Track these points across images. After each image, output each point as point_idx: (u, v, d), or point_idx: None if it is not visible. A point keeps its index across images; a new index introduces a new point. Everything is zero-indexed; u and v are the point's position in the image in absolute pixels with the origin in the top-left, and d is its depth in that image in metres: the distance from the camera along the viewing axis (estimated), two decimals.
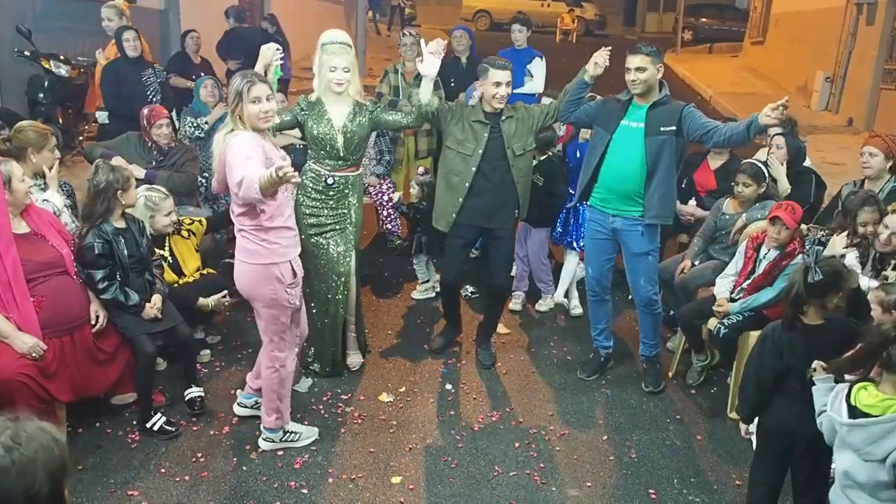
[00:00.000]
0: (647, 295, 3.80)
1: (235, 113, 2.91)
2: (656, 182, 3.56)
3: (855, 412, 2.04)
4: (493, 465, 3.26)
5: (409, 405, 3.73)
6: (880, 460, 1.96)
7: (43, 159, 3.59)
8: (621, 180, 3.62)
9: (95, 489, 3.00)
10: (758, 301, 3.61)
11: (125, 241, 3.38)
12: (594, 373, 4.04)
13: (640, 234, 3.67)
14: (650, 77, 3.51)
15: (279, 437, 3.29)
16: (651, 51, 3.53)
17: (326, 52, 3.55)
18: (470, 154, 3.80)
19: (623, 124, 3.61)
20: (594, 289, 3.94)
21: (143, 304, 3.37)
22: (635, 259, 3.74)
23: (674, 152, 3.57)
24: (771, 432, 2.65)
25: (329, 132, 3.58)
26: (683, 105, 3.60)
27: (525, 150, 3.88)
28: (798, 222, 3.60)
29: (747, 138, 3.39)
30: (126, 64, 5.63)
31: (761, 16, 15.88)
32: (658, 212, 3.61)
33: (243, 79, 2.91)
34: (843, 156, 7.95)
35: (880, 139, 4.03)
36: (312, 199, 3.67)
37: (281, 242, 3.01)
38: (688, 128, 3.53)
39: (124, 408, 3.51)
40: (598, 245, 3.83)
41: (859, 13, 10.75)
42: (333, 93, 3.58)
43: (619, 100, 3.67)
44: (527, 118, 3.88)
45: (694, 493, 3.14)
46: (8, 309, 2.99)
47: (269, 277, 3.00)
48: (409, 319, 4.65)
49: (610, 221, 3.72)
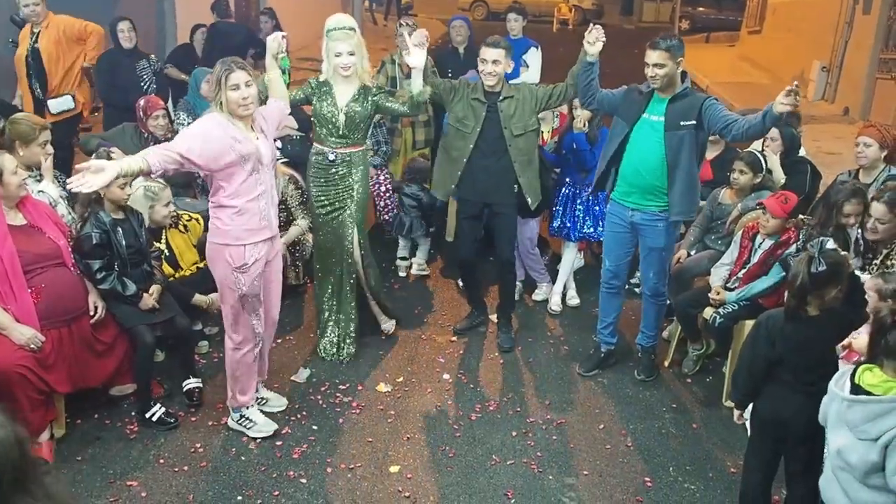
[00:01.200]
0: (655, 286, 3.81)
1: (217, 99, 2.95)
2: (678, 178, 3.51)
3: (857, 391, 2.08)
4: (491, 454, 3.29)
5: (406, 395, 3.75)
6: (873, 439, 2.00)
7: (31, 153, 3.51)
8: (641, 174, 3.58)
9: (95, 480, 3.01)
10: (753, 290, 3.63)
11: (123, 231, 3.39)
12: (593, 368, 4.00)
13: (658, 230, 3.65)
14: (669, 72, 3.44)
15: (236, 418, 3.35)
16: (670, 45, 3.43)
17: (331, 38, 3.70)
18: (469, 132, 3.90)
19: (644, 118, 3.56)
20: (610, 281, 3.90)
21: (140, 294, 3.38)
22: (650, 253, 3.73)
23: (694, 146, 3.50)
24: (764, 421, 2.67)
25: (332, 110, 3.75)
26: (704, 98, 3.53)
27: (526, 131, 3.91)
28: (789, 212, 3.61)
29: (764, 129, 3.34)
30: (121, 54, 5.60)
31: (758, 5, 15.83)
32: (681, 208, 3.59)
33: (223, 66, 2.95)
34: (839, 145, 7.95)
35: (875, 129, 4.05)
36: (319, 178, 3.86)
37: (235, 225, 3.04)
38: (708, 121, 3.45)
39: (123, 399, 3.53)
40: (618, 238, 3.80)
41: (855, 3, 10.73)
42: (341, 76, 3.73)
43: (640, 91, 3.61)
44: (529, 99, 3.90)
45: (689, 480, 3.17)
46: (5, 300, 3.00)
47: (220, 257, 3.09)
48: (407, 310, 4.66)
49: (629, 215, 3.68)
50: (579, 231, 4.68)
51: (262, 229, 3.12)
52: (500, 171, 3.93)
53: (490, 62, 3.82)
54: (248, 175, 3.00)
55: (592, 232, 4.67)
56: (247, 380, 3.31)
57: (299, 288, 4.79)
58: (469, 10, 21.21)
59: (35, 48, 5.35)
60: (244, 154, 2.96)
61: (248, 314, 3.20)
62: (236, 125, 2.98)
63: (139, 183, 3.76)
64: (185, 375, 3.62)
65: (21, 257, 3.03)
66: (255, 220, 3.08)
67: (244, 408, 3.35)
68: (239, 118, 2.98)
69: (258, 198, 3.06)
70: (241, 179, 3.00)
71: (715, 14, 21.12)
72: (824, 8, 11.49)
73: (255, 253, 3.10)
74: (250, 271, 3.11)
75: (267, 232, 3.15)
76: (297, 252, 4.68)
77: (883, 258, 3.21)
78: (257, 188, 3.05)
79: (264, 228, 3.13)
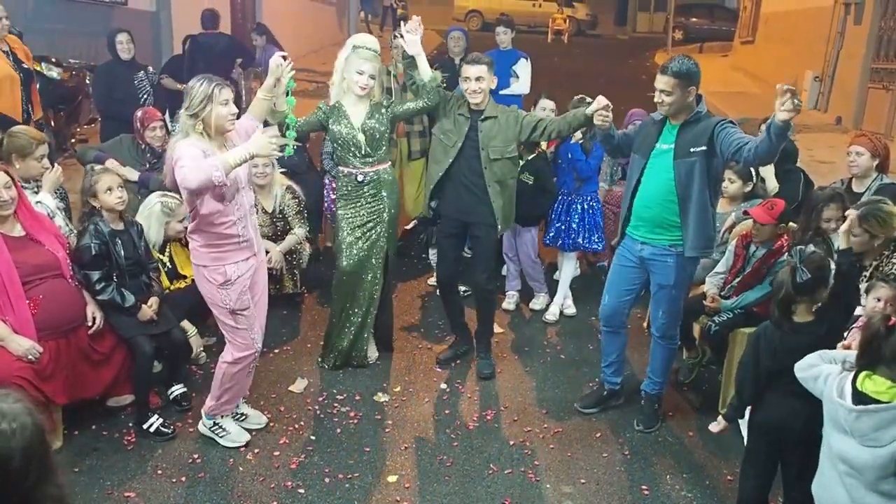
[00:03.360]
0: (664, 327, 3.50)
1: (200, 116, 2.89)
2: (691, 210, 3.21)
3: (861, 399, 2.08)
4: (489, 462, 3.29)
5: (404, 405, 3.75)
6: (883, 446, 2.01)
7: (28, 167, 3.52)
8: (648, 206, 3.33)
9: (92, 491, 3.01)
10: (748, 299, 3.66)
11: (122, 242, 3.40)
12: (594, 406, 3.71)
13: (667, 266, 3.34)
14: (678, 101, 3.17)
15: (210, 424, 3.34)
16: (681, 71, 3.13)
17: (359, 55, 3.69)
18: (451, 145, 3.85)
19: (656, 147, 3.31)
20: (609, 320, 3.59)
21: (139, 305, 3.39)
22: (659, 291, 3.43)
23: (706, 175, 3.18)
24: (763, 429, 2.69)
25: (350, 131, 3.73)
26: (717, 120, 3.18)
27: (503, 157, 3.79)
28: (777, 217, 3.63)
29: (772, 144, 2.89)
30: (119, 66, 5.63)
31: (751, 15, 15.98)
32: (695, 243, 3.25)
33: (211, 82, 2.91)
34: (831, 154, 8.01)
35: (866, 138, 4.10)
36: (349, 200, 3.83)
37: (212, 250, 3.02)
38: (720, 146, 3.10)
39: (120, 410, 3.52)
40: (623, 273, 3.50)
41: (847, 13, 10.85)
42: (354, 94, 3.72)
43: (654, 120, 3.37)
44: (513, 125, 3.80)
45: (686, 488, 3.18)
46: (3, 311, 3.00)
47: (203, 278, 3.10)
48: (404, 319, 4.67)
49: (639, 249, 3.40)
50: (573, 241, 4.70)
51: (241, 250, 3.09)
52: (478, 191, 3.83)
53: (473, 79, 3.74)
54: (227, 201, 2.96)
55: (586, 242, 4.70)
56: (237, 392, 3.31)
57: (296, 297, 4.80)
58: (464, 21, 21.36)
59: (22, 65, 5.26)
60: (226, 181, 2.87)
61: (244, 328, 3.18)
62: (213, 149, 2.93)
63: (156, 198, 3.81)
64: (167, 384, 3.62)
65: (19, 268, 3.03)
66: (234, 242, 3.04)
67: (219, 416, 3.33)
68: (220, 135, 2.96)
69: (235, 223, 3.02)
70: (221, 207, 2.96)
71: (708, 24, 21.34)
72: (816, 18, 11.61)
73: (236, 270, 3.07)
74: (234, 286, 3.07)
75: (246, 252, 3.11)
76: (293, 261, 4.69)
77: (872, 270, 3.24)
78: (234, 213, 3.01)
79: (243, 249, 3.09)
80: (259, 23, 9.41)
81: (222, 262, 3.05)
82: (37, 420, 1.36)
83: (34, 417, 1.35)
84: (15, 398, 1.35)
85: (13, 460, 1.28)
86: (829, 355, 2.35)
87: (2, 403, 1.33)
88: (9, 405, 1.33)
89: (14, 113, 4.99)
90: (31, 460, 1.31)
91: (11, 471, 1.29)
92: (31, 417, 1.35)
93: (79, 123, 7.16)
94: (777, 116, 2.80)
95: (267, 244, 4.58)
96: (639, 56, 18.29)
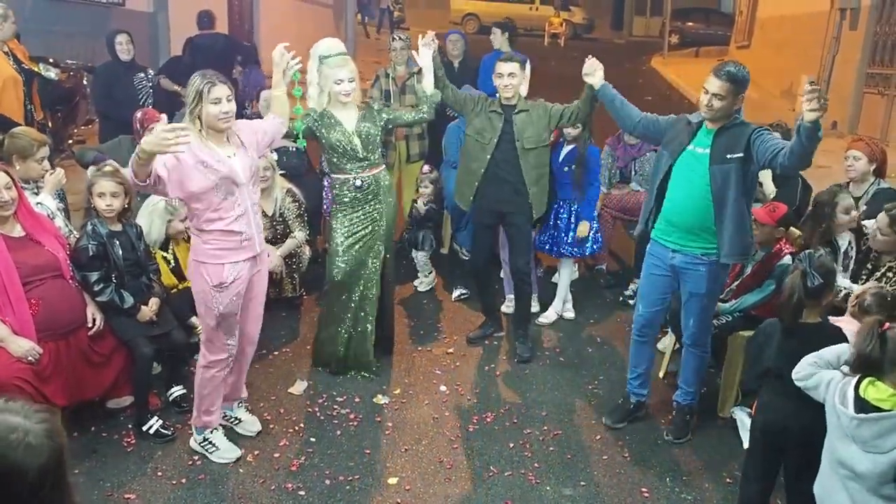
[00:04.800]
0: (695, 335, 3.46)
1: (194, 113, 2.87)
2: (727, 216, 3.14)
3: (863, 406, 2.09)
4: (489, 465, 3.30)
5: (404, 407, 3.75)
6: (884, 453, 2.02)
7: (28, 168, 3.51)
8: (683, 213, 3.25)
9: (92, 493, 3.00)
10: (747, 302, 3.67)
11: (120, 243, 3.39)
12: (621, 420, 3.64)
13: (699, 274, 3.29)
14: (728, 107, 3.11)
15: (199, 439, 3.25)
16: (737, 77, 3.06)
17: (329, 65, 3.64)
18: (486, 143, 4.04)
19: (689, 149, 3.24)
20: (642, 329, 3.56)
21: (138, 306, 3.38)
22: (691, 299, 3.38)
23: (742, 181, 3.12)
24: (765, 431, 2.70)
25: (345, 137, 3.70)
26: (753, 128, 3.13)
27: (537, 146, 4.03)
28: (777, 220, 3.65)
29: (804, 146, 2.82)
30: (118, 67, 5.62)
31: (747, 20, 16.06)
32: (731, 249, 3.18)
33: (203, 79, 2.85)
34: (828, 159, 8.04)
35: (863, 143, 4.13)
36: (346, 206, 3.80)
37: (213, 245, 2.97)
38: (757, 152, 3.06)
39: (120, 412, 3.51)
40: (656, 282, 3.45)
41: (843, 18, 10.91)
42: (340, 103, 3.70)
43: (690, 121, 3.29)
44: (543, 116, 4.04)
45: (686, 490, 3.19)
46: (3, 312, 2.99)
47: (199, 274, 3.02)
48: (403, 322, 4.67)
49: (670, 257, 3.34)
50: (559, 248, 4.69)
51: (243, 249, 3.02)
52: (514, 183, 4.05)
53: (506, 75, 3.95)
54: (221, 199, 2.91)
55: (571, 250, 4.68)
56: (213, 398, 3.21)
57: (295, 300, 4.80)
58: (461, 24, 21.40)
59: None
60: (214, 180, 2.86)
61: (223, 333, 3.12)
62: (208, 146, 2.88)
63: (159, 197, 3.81)
64: (167, 386, 3.61)
65: (19, 269, 3.02)
66: (235, 240, 2.99)
67: (208, 430, 3.24)
68: (217, 131, 2.90)
69: (237, 220, 2.96)
70: (215, 204, 2.91)
71: (704, 29, 21.44)
72: (812, 23, 11.68)
73: (234, 272, 3.00)
74: (228, 290, 3.01)
75: (249, 251, 3.05)
76: (293, 264, 4.69)
77: (885, 271, 3.27)
78: (234, 210, 2.95)
79: (245, 248, 3.03)
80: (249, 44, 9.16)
81: (222, 261, 2.98)
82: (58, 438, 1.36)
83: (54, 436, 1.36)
84: (40, 418, 1.36)
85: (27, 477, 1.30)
86: (824, 358, 2.36)
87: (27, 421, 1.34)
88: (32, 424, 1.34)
89: (17, 114, 4.98)
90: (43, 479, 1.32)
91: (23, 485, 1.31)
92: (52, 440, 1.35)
93: (76, 124, 7.13)
94: (805, 117, 2.75)
95: (267, 247, 4.58)
96: (635, 60, 18.35)
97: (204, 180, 2.85)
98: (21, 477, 1.29)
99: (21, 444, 1.30)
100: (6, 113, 4.85)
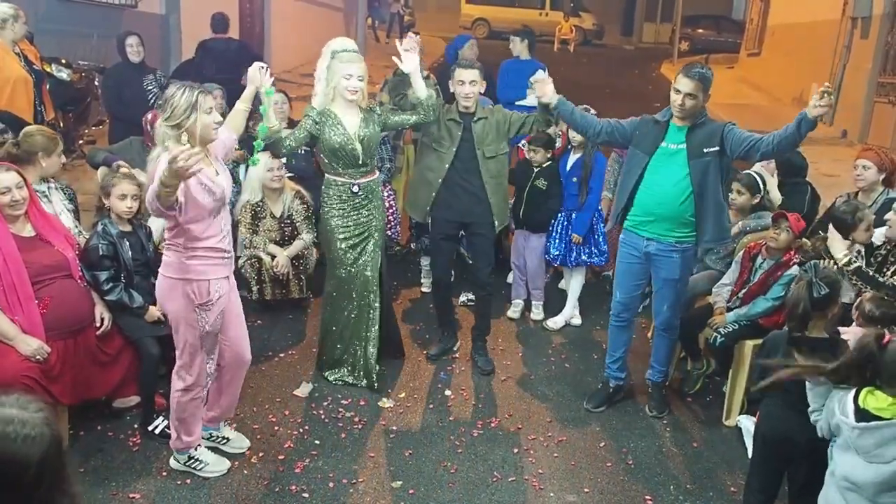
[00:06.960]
0: (668, 320, 3.69)
1: (184, 126, 2.74)
2: (708, 205, 3.41)
3: (864, 415, 2.08)
4: (492, 470, 3.30)
5: (408, 411, 3.76)
6: (886, 462, 2.01)
7: (52, 164, 3.58)
8: (662, 204, 3.46)
9: (97, 492, 3.01)
10: (753, 311, 3.66)
11: (130, 244, 3.42)
12: (601, 405, 3.83)
13: (673, 261, 3.52)
14: (698, 105, 3.38)
15: (184, 459, 3.15)
16: (704, 76, 3.35)
17: (341, 59, 3.61)
18: (445, 152, 3.92)
19: (662, 146, 3.46)
20: (620, 314, 3.76)
21: (146, 306, 3.40)
22: (665, 285, 3.60)
23: (719, 172, 3.42)
24: (769, 441, 2.69)
25: (346, 140, 3.64)
26: (724, 124, 3.44)
27: (496, 154, 3.95)
28: (800, 233, 3.67)
29: (799, 138, 3.19)
30: (128, 69, 5.67)
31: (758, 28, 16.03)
32: (712, 236, 3.48)
33: (194, 90, 2.77)
34: (837, 168, 8.02)
35: (873, 152, 4.12)
36: (341, 210, 3.75)
37: (199, 261, 2.87)
38: (730, 146, 3.37)
39: (126, 411, 3.53)
40: (631, 269, 3.66)
41: (854, 27, 10.88)
42: (345, 100, 3.64)
43: (657, 121, 3.53)
44: (502, 123, 3.95)
45: (690, 499, 3.18)
46: (13, 311, 3.01)
47: (179, 293, 2.88)
48: (409, 326, 4.68)
49: (644, 245, 3.55)
50: (576, 258, 4.69)
51: (224, 266, 2.97)
52: (475, 192, 3.94)
53: (467, 83, 3.85)
54: (213, 218, 2.86)
55: (588, 258, 4.69)
56: (193, 421, 3.11)
57: (302, 302, 4.81)
58: (471, 29, 21.44)
59: None
60: (212, 200, 2.81)
61: (206, 353, 3.04)
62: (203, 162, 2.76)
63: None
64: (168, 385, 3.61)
65: (29, 269, 3.05)
66: (219, 257, 2.93)
67: (191, 448, 3.15)
68: (203, 145, 2.82)
69: (223, 238, 2.93)
70: (208, 224, 2.85)
71: (714, 36, 21.38)
72: (823, 32, 11.65)
73: (218, 289, 2.94)
74: (214, 308, 2.94)
75: (229, 269, 3.01)
76: (300, 266, 4.71)
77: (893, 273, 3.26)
78: (222, 228, 2.92)
79: (226, 265, 2.99)
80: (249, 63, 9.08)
81: (208, 277, 2.89)
82: (55, 432, 1.38)
83: (53, 429, 1.38)
84: (36, 407, 1.38)
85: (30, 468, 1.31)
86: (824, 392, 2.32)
87: (23, 412, 1.35)
88: (30, 414, 1.36)
89: (27, 114, 5.02)
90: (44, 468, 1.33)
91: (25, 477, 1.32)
92: (50, 429, 1.37)
93: (87, 125, 7.18)
94: (811, 112, 3.08)
95: (274, 249, 4.60)
96: (644, 67, 18.33)
97: (210, 201, 2.81)
98: (23, 467, 1.30)
99: (19, 435, 1.32)
100: (17, 113, 4.89)
